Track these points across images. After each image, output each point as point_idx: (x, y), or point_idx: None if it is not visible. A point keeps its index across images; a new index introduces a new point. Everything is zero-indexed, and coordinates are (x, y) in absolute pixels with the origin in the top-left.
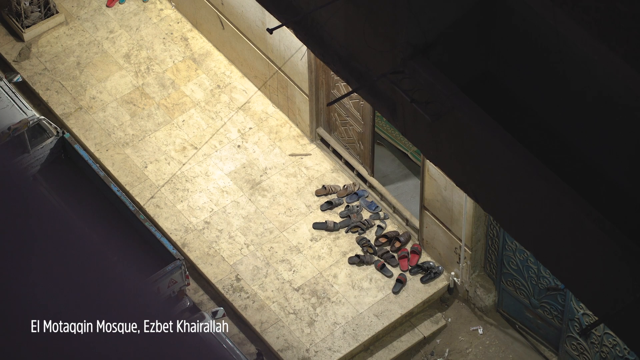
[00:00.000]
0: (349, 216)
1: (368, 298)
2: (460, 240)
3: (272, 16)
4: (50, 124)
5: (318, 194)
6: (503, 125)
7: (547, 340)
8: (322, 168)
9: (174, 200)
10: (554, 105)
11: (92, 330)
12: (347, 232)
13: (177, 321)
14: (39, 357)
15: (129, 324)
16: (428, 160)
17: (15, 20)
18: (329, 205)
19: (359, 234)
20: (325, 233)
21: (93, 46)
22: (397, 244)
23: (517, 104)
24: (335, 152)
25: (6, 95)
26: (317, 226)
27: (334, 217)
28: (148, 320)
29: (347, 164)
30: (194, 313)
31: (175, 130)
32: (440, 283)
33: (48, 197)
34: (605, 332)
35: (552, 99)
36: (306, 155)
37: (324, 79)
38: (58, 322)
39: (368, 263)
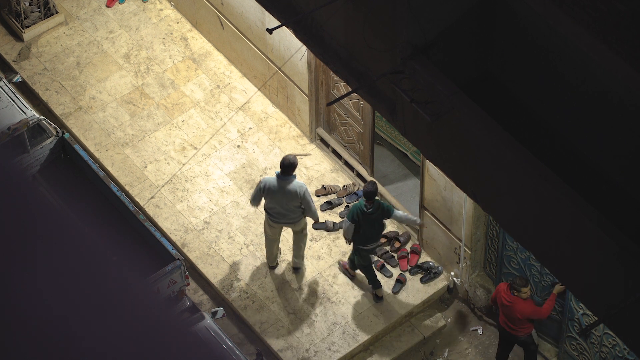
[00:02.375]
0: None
1: (368, 298)
2: (460, 241)
3: (271, 16)
4: (50, 124)
5: (318, 194)
6: (503, 125)
7: (548, 335)
8: (322, 168)
9: (173, 201)
10: (553, 105)
11: (91, 330)
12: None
13: (177, 321)
14: (38, 357)
15: (128, 324)
16: (428, 160)
17: (14, 20)
18: (328, 205)
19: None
20: (324, 233)
21: (93, 46)
22: (397, 244)
23: (517, 104)
24: (335, 152)
25: (6, 95)
26: (316, 226)
27: (333, 217)
28: (147, 321)
29: (346, 164)
30: (194, 313)
31: (175, 131)
32: (440, 283)
33: (48, 197)
34: (605, 332)
35: (552, 99)
36: (306, 155)
37: (324, 79)
38: (57, 322)
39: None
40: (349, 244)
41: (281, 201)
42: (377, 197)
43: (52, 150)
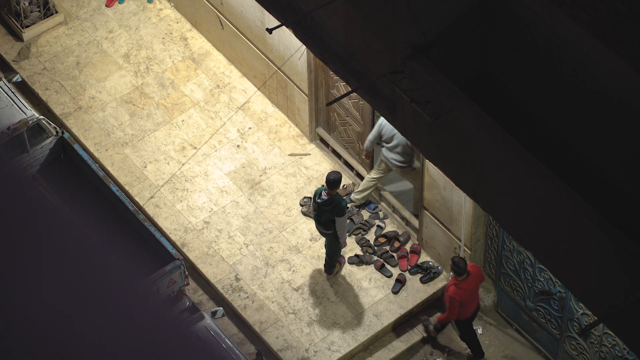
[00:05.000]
0: (351, 218)
1: (367, 298)
2: (460, 240)
3: (271, 16)
4: (50, 124)
5: None
6: (503, 125)
7: (542, 345)
8: (322, 168)
9: (173, 200)
10: (553, 105)
11: (90, 330)
12: (349, 235)
13: (176, 321)
14: (38, 356)
15: (128, 323)
16: (428, 160)
17: (14, 20)
18: None
19: (361, 235)
20: None
21: (92, 46)
22: (397, 244)
23: (517, 104)
24: (334, 152)
25: (5, 95)
26: None
27: None
28: (147, 320)
29: (346, 163)
30: (194, 313)
31: (174, 130)
32: (439, 283)
33: (47, 197)
34: (605, 332)
35: (552, 99)
36: (305, 155)
37: (324, 79)
38: (57, 322)
39: (367, 263)
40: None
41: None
42: (338, 192)
43: (51, 150)
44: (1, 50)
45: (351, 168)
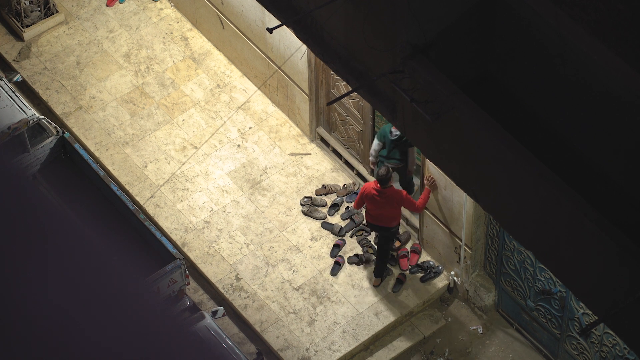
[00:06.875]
0: (351, 218)
1: (368, 297)
2: (460, 240)
3: (272, 15)
4: (50, 124)
5: (318, 193)
6: (503, 125)
7: (543, 344)
8: (322, 167)
9: (173, 200)
10: (553, 105)
11: (90, 330)
12: (352, 236)
13: (177, 321)
14: (39, 355)
15: (128, 323)
16: (428, 160)
17: (15, 20)
18: (335, 209)
19: (364, 236)
20: (325, 232)
21: (93, 46)
22: (397, 244)
23: (517, 104)
24: (335, 151)
25: (6, 94)
26: (325, 226)
27: (337, 219)
28: (147, 320)
29: (347, 163)
30: (194, 312)
31: (175, 130)
32: (440, 282)
33: (48, 197)
34: (605, 332)
35: (552, 99)
36: (306, 154)
37: (324, 79)
38: (57, 322)
39: (368, 262)
40: (372, 165)
41: None
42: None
43: (52, 149)
44: (2, 50)
45: (352, 168)
